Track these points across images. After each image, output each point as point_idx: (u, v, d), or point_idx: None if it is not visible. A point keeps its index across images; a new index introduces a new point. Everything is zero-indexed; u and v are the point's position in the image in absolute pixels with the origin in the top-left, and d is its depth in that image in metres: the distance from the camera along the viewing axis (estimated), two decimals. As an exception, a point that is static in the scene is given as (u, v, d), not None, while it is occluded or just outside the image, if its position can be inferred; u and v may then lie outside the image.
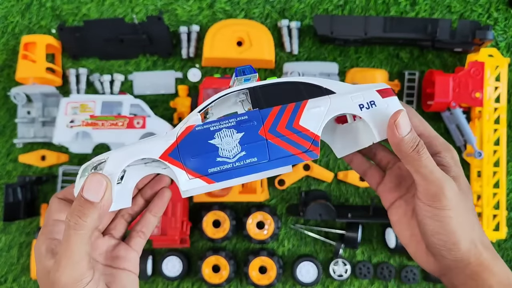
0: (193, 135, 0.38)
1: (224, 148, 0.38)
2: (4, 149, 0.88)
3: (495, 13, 0.85)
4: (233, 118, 0.39)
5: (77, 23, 0.89)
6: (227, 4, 0.88)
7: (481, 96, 0.78)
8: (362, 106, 0.40)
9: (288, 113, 0.39)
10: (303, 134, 0.39)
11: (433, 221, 0.38)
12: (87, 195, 0.36)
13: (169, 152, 0.38)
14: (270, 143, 0.38)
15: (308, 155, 0.39)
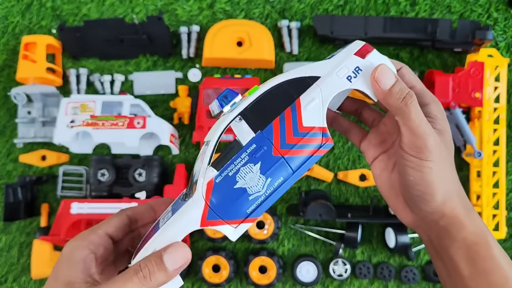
0: (217, 189, 0.38)
1: (251, 185, 0.38)
2: (5, 149, 0.89)
3: (495, 13, 0.85)
4: (243, 152, 0.38)
5: (77, 23, 0.89)
6: (227, 4, 0.88)
7: (480, 96, 0.78)
8: (350, 78, 0.39)
9: (289, 121, 0.39)
10: (311, 133, 0.38)
11: (414, 171, 0.39)
12: (167, 258, 0.36)
13: (206, 217, 0.38)
14: (287, 158, 0.38)
15: (324, 148, 0.39)
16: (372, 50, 0.40)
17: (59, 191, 0.86)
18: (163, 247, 0.37)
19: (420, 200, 0.39)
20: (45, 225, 0.86)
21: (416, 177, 0.39)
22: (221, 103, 0.38)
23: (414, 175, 0.39)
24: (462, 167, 0.84)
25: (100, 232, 0.40)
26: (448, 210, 0.39)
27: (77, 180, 0.87)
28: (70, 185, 0.86)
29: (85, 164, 0.87)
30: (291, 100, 0.39)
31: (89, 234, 0.40)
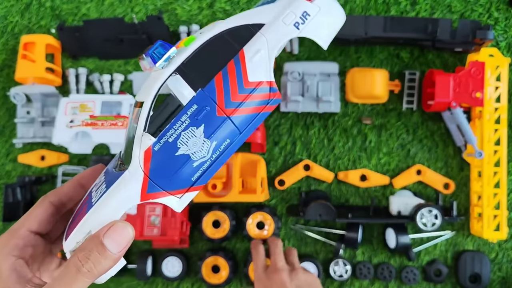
0: (157, 158, 0.34)
1: (195, 151, 0.34)
2: (4, 149, 0.88)
3: (495, 13, 0.85)
4: (183, 115, 0.34)
5: (76, 23, 0.89)
6: (227, 4, 0.87)
7: (481, 96, 0.77)
8: (298, 24, 0.35)
9: (233, 77, 0.34)
10: (258, 89, 0.35)
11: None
12: (108, 243, 0.32)
13: (146, 189, 0.34)
14: (233, 118, 0.34)
15: (272, 104, 0.35)
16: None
17: (58, 191, 0.85)
18: (101, 230, 0.33)
19: None
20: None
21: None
22: (153, 57, 0.34)
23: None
24: (463, 167, 0.83)
25: (22, 232, 0.36)
26: None
27: (77, 180, 0.86)
28: (69, 185, 0.86)
29: (85, 164, 0.87)
30: (234, 52, 0.34)
31: (9, 238, 0.36)
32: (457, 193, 0.83)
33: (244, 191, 0.80)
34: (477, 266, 0.80)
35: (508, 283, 0.82)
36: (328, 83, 0.81)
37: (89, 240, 0.33)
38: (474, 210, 0.81)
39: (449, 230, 0.83)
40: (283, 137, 0.85)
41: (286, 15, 0.35)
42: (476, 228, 0.80)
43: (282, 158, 0.85)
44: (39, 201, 0.38)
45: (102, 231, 0.33)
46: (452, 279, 0.82)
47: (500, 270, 0.82)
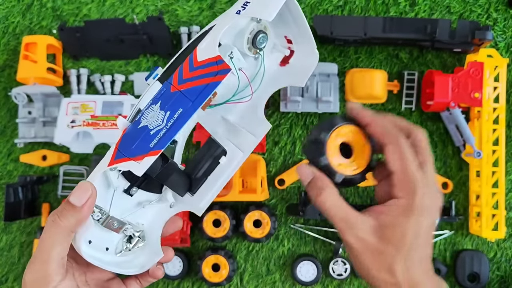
0: (126, 134, 0.42)
1: (152, 121, 0.41)
2: (5, 149, 0.89)
3: (494, 14, 0.85)
4: (150, 100, 0.42)
5: (77, 23, 0.90)
6: (228, 5, 0.88)
7: (480, 96, 0.78)
8: (239, 11, 0.41)
9: (186, 62, 0.41)
10: (206, 64, 0.40)
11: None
12: (72, 199, 0.39)
13: (114, 157, 0.41)
14: (184, 91, 0.40)
15: (221, 74, 0.40)
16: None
17: (60, 191, 0.86)
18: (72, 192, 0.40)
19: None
20: (46, 225, 0.86)
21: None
22: (146, 78, 0.43)
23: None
24: (462, 167, 0.84)
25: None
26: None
27: (78, 180, 0.87)
28: (70, 185, 0.87)
29: (86, 164, 0.87)
30: (192, 51, 0.42)
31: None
32: (456, 192, 0.84)
33: (244, 191, 0.81)
34: (475, 265, 0.81)
35: (507, 282, 0.82)
36: (328, 83, 0.81)
37: (63, 201, 0.41)
38: (473, 209, 0.81)
39: (447, 230, 0.83)
40: (283, 137, 0.86)
41: (230, 10, 0.42)
42: (475, 227, 0.80)
43: (282, 158, 0.86)
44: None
45: (71, 193, 0.40)
46: (451, 278, 0.83)
47: (498, 269, 0.83)
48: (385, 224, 0.39)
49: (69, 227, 0.39)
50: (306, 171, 0.42)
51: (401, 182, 0.40)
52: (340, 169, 0.43)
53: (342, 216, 0.40)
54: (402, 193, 0.40)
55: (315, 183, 0.41)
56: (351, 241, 0.39)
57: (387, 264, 0.38)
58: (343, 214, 0.40)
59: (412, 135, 0.42)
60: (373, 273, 0.39)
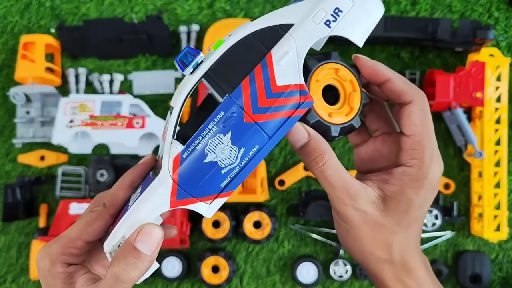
0: (185, 165, 0.34)
1: (222, 158, 0.34)
2: (3, 149, 0.88)
3: (496, 13, 0.85)
4: (211, 122, 0.33)
5: (76, 22, 0.89)
6: (227, 4, 0.87)
7: (482, 96, 0.77)
8: (329, 22, 0.33)
9: (260, 81, 0.33)
10: (287, 93, 0.33)
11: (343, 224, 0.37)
12: (141, 247, 0.33)
13: (175, 196, 0.34)
14: (261, 124, 0.33)
15: (303, 108, 0.34)
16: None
17: (58, 192, 0.85)
18: (132, 235, 0.34)
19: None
20: (44, 226, 0.86)
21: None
22: (180, 64, 0.34)
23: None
24: (463, 167, 0.83)
25: (80, 243, 0.37)
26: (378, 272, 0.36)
27: (76, 180, 0.86)
28: (69, 185, 0.86)
29: (84, 164, 0.87)
30: (262, 55, 0.33)
31: (64, 248, 0.37)
32: (458, 193, 0.83)
33: (244, 191, 0.80)
34: (477, 266, 0.80)
35: (509, 283, 0.82)
36: (328, 83, 0.80)
37: (122, 247, 0.34)
38: (475, 210, 0.81)
39: (449, 230, 0.83)
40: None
41: (316, 13, 0.33)
42: (477, 228, 0.80)
43: (282, 158, 0.85)
44: (99, 212, 0.38)
45: (133, 236, 0.34)
46: (453, 279, 0.82)
47: (500, 270, 0.82)
48: (388, 195, 0.35)
49: (137, 279, 0.34)
50: (300, 132, 0.34)
51: (415, 149, 0.35)
52: (332, 119, 0.35)
53: (342, 185, 0.35)
54: (415, 161, 0.34)
55: (311, 147, 0.35)
56: (350, 214, 0.35)
57: (386, 239, 0.35)
58: (343, 183, 0.35)
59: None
60: (368, 249, 0.35)
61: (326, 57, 0.35)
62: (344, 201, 0.35)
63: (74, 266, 0.37)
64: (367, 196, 0.35)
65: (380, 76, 0.36)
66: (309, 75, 0.35)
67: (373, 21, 0.35)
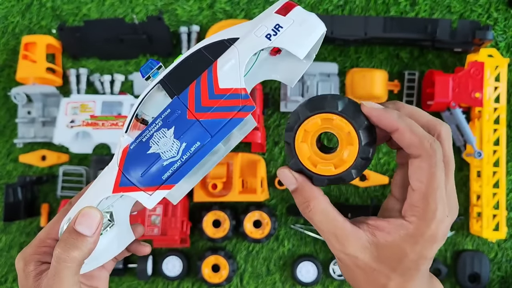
0: (131, 155, 0.37)
1: (164, 150, 0.37)
2: (4, 149, 0.89)
3: (495, 13, 0.85)
4: (158, 118, 0.37)
5: (77, 23, 0.89)
6: (227, 4, 0.88)
7: (480, 96, 0.78)
8: (270, 36, 0.37)
9: (204, 84, 0.37)
10: (229, 95, 0.37)
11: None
12: (80, 228, 0.36)
13: (119, 183, 0.37)
14: (203, 122, 0.37)
15: (245, 111, 0.37)
16: (295, 7, 0.38)
17: (59, 191, 0.86)
18: (73, 219, 0.37)
19: None
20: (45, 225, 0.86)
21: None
22: (143, 73, 0.38)
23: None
24: (462, 167, 0.84)
25: (50, 242, 0.40)
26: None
27: (77, 180, 0.87)
28: (70, 185, 0.86)
29: (85, 164, 0.87)
30: (209, 63, 0.37)
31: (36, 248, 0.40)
32: (457, 193, 0.83)
33: (244, 191, 0.80)
34: (476, 265, 0.81)
35: (508, 282, 0.82)
36: (328, 83, 0.81)
37: (64, 231, 0.37)
38: (474, 210, 0.81)
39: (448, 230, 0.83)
40: (283, 137, 0.86)
41: (259, 28, 0.37)
42: (476, 227, 0.80)
43: (282, 158, 0.86)
44: (65, 211, 0.41)
45: (73, 220, 0.37)
46: (452, 278, 0.83)
47: (499, 270, 0.83)
48: (382, 244, 0.34)
49: (81, 259, 0.36)
50: (288, 179, 0.37)
51: (417, 206, 0.33)
52: (320, 169, 0.36)
53: (331, 230, 0.35)
54: (414, 218, 0.33)
55: (299, 193, 0.36)
56: (340, 256, 0.35)
57: (380, 282, 0.34)
58: (332, 228, 0.35)
59: (436, 132, 0.34)
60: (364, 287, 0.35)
61: (320, 106, 0.35)
62: (333, 245, 0.35)
63: (47, 264, 0.39)
64: (357, 241, 0.34)
65: (386, 126, 0.34)
66: (297, 124, 0.35)
67: (314, 37, 0.38)
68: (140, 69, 0.38)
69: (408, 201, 0.34)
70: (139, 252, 0.44)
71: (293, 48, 0.37)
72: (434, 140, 0.33)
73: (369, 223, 0.35)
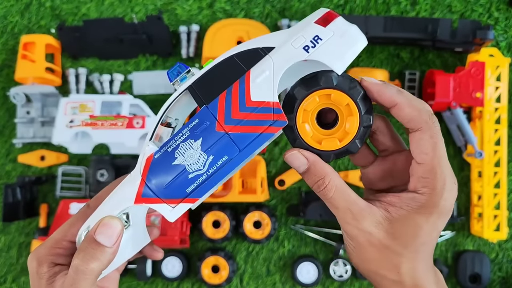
0: (155, 165, 0.36)
1: (190, 162, 0.35)
2: (4, 149, 0.88)
3: (495, 13, 0.85)
4: (185, 128, 0.35)
5: (76, 22, 0.89)
6: (227, 4, 0.87)
7: (481, 96, 0.77)
8: (308, 48, 0.35)
9: (235, 95, 0.35)
10: (260, 108, 0.35)
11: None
12: (101, 238, 0.35)
13: (141, 194, 0.36)
14: (232, 135, 0.35)
15: (276, 126, 0.35)
16: (335, 17, 0.36)
17: (58, 191, 0.85)
18: (92, 228, 0.36)
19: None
20: (44, 226, 0.86)
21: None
22: (170, 77, 0.36)
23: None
24: (463, 167, 0.83)
25: (65, 244, 0.39)
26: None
27: (76, 180, 0.86)
28: (69, 185, 0.86)
29: (84, 164, 0.87)
30: (242, 73, 0.35)
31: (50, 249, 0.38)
32: (457, 193, 0.83)
33: (244, 191, 0.80)
34: (477, 266, 0.80)
35: (508, 283, 0.82)
36: (328, 83, 0.81)
37: (84, 239, 0.36)
38: (474, 210, 0.81)
39: (449, 230, 0.83)
40: (283, 137, 0.85)
41: (296, 38, 0.35)
42: (476, 228, 0.80)
43: (282, 158, 0.85)
44: (82, 213, 0.40)
45: (93, 229, 0.35)
46: (452, 279, 0.82)
47: (500, 270, 0.82)
48: (396, 218, 0.34)
49: (99, 270, 0.35)
50: (298, 160, 0.35)
51: (426, 177, 0.34)
52: (322, 145, 0.36)
53: (346, 205, 0.35)
54: (426, 189, 0.34)
55: (311, 172, 0.35)
56: (353, 233, 0.35)
57: (393, 261, 0.34)
58: (346, 203, 0.35)
59: None
60: (375, 269, 0.35)
61: (315, 84, 0.35)
62: (347, 221, 0.35)
63: (60, 266, 0.38)
64: (372, 216, 0.34)
65: (386, 101, 0.35)
66: (295, 105, 0.35)
67: (354, 51, 0.37)
68: (168, 72, 0.36)
69: (416, 175, 0.34)
70: (152, 257, 0.43)
71: (332, 63, 0.35)
72: (431, 112, 0.34)
73: (381, 199, 0.35)
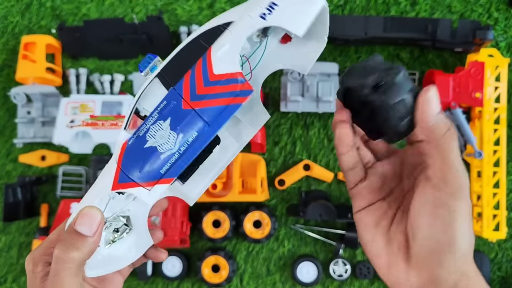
0: (129, 151, 0.36)
1: (161, 143, 0.35)
2: (4, 149, 0.88)
3: (495, 13, 0.85)
4: (155, 111, 0.36)
5: (77, 23, 0.89)
6: (227, 4, 0.88)
7: (481, 96, 0.77)
8: (264, 15, 0.35)
9: (199, 72, 0.35)
10: (224, 81, 0.35)
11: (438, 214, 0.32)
12: (80, 228, 0.35)
13: (117, 180, 0.36)
14: (199, 110, 0.35)
15: (242, 95, 0.35)
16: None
17: (59, 191, 0.86)
18: (73, 219, 0.36)
19: (438, 255, 0.32)
20: (45, 226, 0.86)
21: (440, 222, 0.32)
22: (141, 68, 0.37)
23: (439, 218, 0.32)
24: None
25: None
26: (469, 268, 0.33)
27: (77, 180, 0.87)
28: (69, 185, 0.86)
29: (85, 164, 0.87)
30: (204, 50, 0.35)
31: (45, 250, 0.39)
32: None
33: (244, 191, 0.80)
34: (476, 265, 0.80)
35: (508, 282, 0.82)
36: (328, 83, 0.81)
37: (65, 231, 0.36)
38: (474, 210, 0.81)
39: (448, 230, 0.83)
40: (283, 137, 0.86)
41: (252, 9, 0.35)
42: (476, 228, 0.80)
43: (282, 158, 0.86)
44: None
45: (74, 220, 0.36)
46: (452, 278, 0.82)
47: (499, 270, 0.82)
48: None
49: (81, 259, 0.35)
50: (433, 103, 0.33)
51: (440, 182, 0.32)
52: None
53: None
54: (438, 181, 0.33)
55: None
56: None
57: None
58: None
59: None
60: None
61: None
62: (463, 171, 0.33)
63: None
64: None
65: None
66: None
67: (312, 12, 0.37)
68: (139, 64, 0.37)
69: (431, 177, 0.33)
70: (156, 259, 0.43)
71: (290, 26, 0.35)
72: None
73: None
